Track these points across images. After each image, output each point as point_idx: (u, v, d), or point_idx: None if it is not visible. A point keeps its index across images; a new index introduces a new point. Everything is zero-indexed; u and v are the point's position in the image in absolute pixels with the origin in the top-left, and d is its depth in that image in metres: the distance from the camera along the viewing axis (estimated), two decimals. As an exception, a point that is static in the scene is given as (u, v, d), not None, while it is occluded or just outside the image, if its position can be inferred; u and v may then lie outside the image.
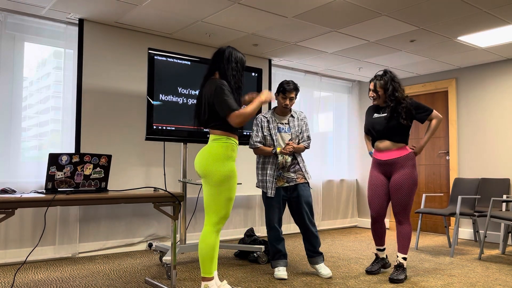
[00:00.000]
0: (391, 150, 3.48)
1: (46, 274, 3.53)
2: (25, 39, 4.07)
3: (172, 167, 4.69)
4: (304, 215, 3.53)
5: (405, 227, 3.47)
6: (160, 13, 4.00)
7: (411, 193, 3.42)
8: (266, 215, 3.57)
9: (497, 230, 5.33)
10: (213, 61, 2.85)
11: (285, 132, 3.59)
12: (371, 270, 3.63)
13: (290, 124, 3.62)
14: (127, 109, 4.47)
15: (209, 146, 2.73)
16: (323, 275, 3.49)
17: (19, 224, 3.96)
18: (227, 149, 2.70)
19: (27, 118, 4.09)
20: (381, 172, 3.56)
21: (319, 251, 3.57)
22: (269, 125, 3.57)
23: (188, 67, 3.96)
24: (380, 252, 3.68)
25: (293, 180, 3.54)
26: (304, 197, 3.53)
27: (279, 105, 3.62)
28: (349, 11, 3.90)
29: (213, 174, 2.65)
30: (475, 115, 5.68)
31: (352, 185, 6.77)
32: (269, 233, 3.56)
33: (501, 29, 4.29)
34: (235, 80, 2.78)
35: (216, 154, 2.67)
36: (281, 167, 3.53)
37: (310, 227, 3.54)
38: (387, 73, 3.50)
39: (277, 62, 5.73)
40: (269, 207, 3.54)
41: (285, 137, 3.58)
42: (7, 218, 2.32)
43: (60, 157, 2.60)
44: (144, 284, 3.24)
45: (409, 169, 3.42)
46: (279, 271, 3.47)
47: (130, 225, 4.56)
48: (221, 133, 2.73)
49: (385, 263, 3.71)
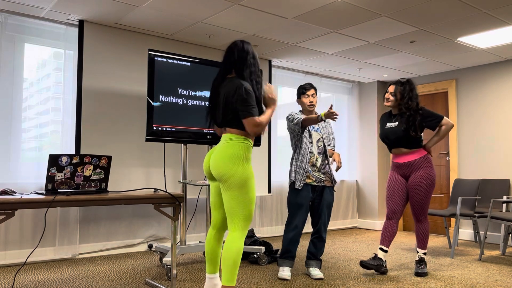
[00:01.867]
0: (408, 154, 3.67)
1: (46, 275, 3.53)
2: (25, 40, 4.07)
3: (172, 168, 4.69)
4: (323, 218, 3.58)
5: (424, 225, 3.70)
6: (160, 14, 4.00)
7: (428, 192, 3.62)
8: (289, 213, 3.54)
9: (497, 231, 5.32)
10: (228, 58, 2.67)
11: (315, 131, 3.63)
12: (365, 263, 3.58)
13: (319, 125, 3.68)
14: (127, 110, 4.47)
15: (225, 146, 2.54)
16: (313, 275, 3.49)
17: (19, 225, 3.96)
18: (247, 150, 2.55)
19: (27, 119, 4.10)
20: (399, 173, 3.75)
21: (319, 258, 3.61)
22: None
23: (188, 68, 3.96)
24: (381, 252, 3.66)
25: (322, 181, 3.56)
26: (327, 201, 3.59)
27: (304, 107, 3.67)
28: (349, 12, 3.90)
29: (234, 176, 2.48)
30: (475, 116, 5.68)
31: (352, 186, 6.77)
32: (288, 233, 3.52)
33: (501, 30, 4.30)
34: (254, 76, 2.64)
35: (236, 155, 2.51)
36: (312, 165, 3.55)
37: (322, 232, 3.59)
38: (410, 83, 3.70)
39: (277, 63, 5.73)
40: (296, 206, 3.50)
41: (315, 136, 3.61)
42: (7, 219, 2.32)
43: (60, 158, 2.60)
44: (144, 285, 3.24)
45: (427, 170, 3.61)
46: (283, 271, 3.47)
47: (130, 226, 4.56)
48: (240, 132, 2.56)
49: (381, 266, 3.62)
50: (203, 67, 4.03)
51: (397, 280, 3.46)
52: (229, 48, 2.68)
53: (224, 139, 2.59)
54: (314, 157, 3.56)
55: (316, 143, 3.60)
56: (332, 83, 6.57)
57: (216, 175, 2.54)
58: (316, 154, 3.58)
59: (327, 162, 3.63)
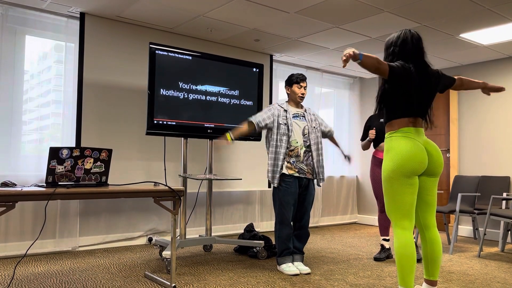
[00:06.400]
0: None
1: (46, 267, 3.54)
2: (26, 32, 4.06)
3: (172, 162, 4.70)
4: (308, 213, 3.64)
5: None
6: (161, 7, 3.99)
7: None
8: (279, 211, 3.51)
9: (496, 228, 5.33)
10: (421, 46, 2.57)
11: (300, 120, 3.62)
12: (379, 257, 4.01)
13: (306, 116, 3.67)
14: (128, 103, 4.47)
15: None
16: (302, 270, 3.48)
17: (19, 217, 3.97)
18: None
19: (27, 112, 4.09)
20: (381, 168, 3.97)
21: (303, 251, 3.69)
22: (286, 114, 3.58)
23: (189, 62, 3.95)
24: (385, 242, 4.08)
25: (304, 172, 3.55)
26: (312, 196, 3.65)
27: (293, 96, 3.66)
28: (351, 7, 3.89)
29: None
30: (476, 112, 5.68)
31: (352, 182, 6.77)
32: (281, 230, 3.51)
33: (504, 26, 4.28)
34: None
35: None
36: (296, 155, 3.53)
37: (306, 226, 3.65)
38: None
39: (278, 58, 5.72)
40: (284, 203, 3.50)
41: (301, 124, 3.59)
42: (7, 211, 2.32)
43: (60, 151, 2.60)
44: (143, 278, 3.25)
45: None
46: (289, 267, 3.46)
47: (130, 220, 4.57)
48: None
49: (390, 254, 4.09)
50: (204, 61, 4.02)
51: (396, 276, 3.47)
52: (419, 36, 2.60)
53: (423, 133, 2.54)
54: (297, 148, 3.53)
55: (301, 133, 3.58)
56: (333, 79, 6.56)
57: (439, 169, 2.53)
58: (301, 143, 3.55)
59: (310, 154, 3.58)
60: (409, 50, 2.53)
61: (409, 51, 2.53)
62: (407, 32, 2.58)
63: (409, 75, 2.45)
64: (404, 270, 2.39)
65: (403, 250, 2.40)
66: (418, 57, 2.54)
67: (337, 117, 6.66)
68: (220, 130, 4.06)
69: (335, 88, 6.61)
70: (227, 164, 5.12)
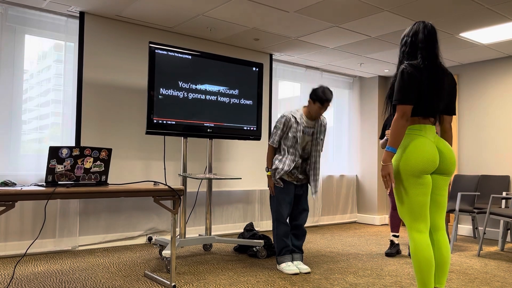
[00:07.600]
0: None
1: (46, 266, 3.54)
2: (25, 31, 4.06)
3: (172, 161, 4.70)
4: (305, 212, 3.67)
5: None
6: (161, 6, 3.99)
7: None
8: (276, 209, 3.56)
9: (496, 227, 5.34)
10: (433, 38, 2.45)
11: (308, 135, 3.62)
12: (390, 252, 4.20)
13: (315, 128, 3.64)
14: (127, 102, 4.47)
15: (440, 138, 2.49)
16: (302, 269, 3.49)
17: (19, 216, 3.97)
18: None
19: (27, 111, 4.09)
20: None
21: (302, 249, 3.70)
22: (298, 126, 3.56)
23: (189, 61, 3.95)
24: (395, 238, 4.25)
25: (300, 180, 3.65)
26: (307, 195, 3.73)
27: (312, 110, 3.58)
28: (351, 6, 3.88)
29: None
30: (476, 112, 5.68)
31: (352, 181, 6.77)
32: (278, 228, 3.55)
33: (503, 25, 4.28)
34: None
35: None
36: (295, 167, 3.58)
37: (303, 224, 3.68)
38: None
39: (278, 57, 5.71)
40: (280, 201, 3.55)
41: (306, 138, 3.60)
42: (7, 211, 2.32)
43: (60, 150, 2.60)
44: (143, 277, 3.25)
45: None
46: (289, 266, 3.47)
47: (130, 219, 4.57)
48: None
49: (399, 249, 4.28)
50: (204, 60, 4.02)
51: (395, 275, 3.48)
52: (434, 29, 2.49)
53: (434, 132, 2.45)
54: (299, 161, 3.58)
55: (304, 146, 3.61)
56: (333, 78, 6.56)
57: (452, 168, 2.44)
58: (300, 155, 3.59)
59: (306, 167, 3.65)
60: (419, 41, 2.45)
61: (419, 41, 2.45)
62: (421, 23, 2.51)
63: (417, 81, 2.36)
64: (424, 274, 2.30)
65: (421, 253, 2.31)
66: (428, 49, 2.44)
67: (336, 116, 6.66)
68: (219, 129, 4.07)
69: (334, 87, 6.61)
70: (226, 163, 5.12)
